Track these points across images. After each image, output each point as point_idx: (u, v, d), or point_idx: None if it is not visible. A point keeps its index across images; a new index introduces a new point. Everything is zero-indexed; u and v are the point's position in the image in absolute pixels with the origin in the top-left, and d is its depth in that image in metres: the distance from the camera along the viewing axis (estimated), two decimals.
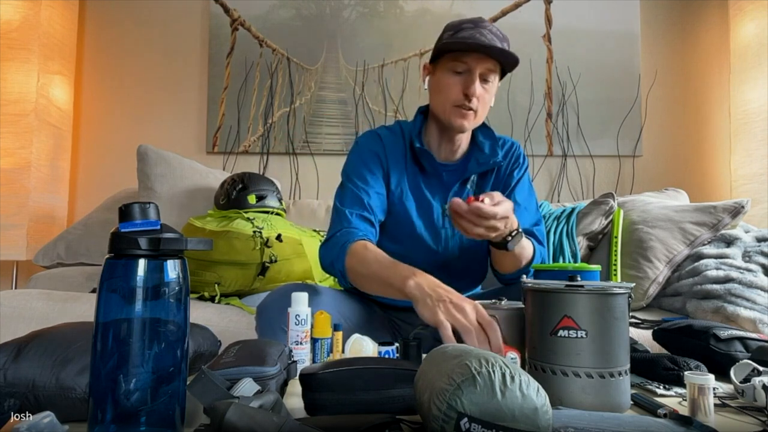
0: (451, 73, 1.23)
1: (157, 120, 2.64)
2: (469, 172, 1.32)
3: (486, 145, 1.35)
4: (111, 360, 0.53)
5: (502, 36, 1.24)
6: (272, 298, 1.16)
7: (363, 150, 1.33)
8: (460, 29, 1.23)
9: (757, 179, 2.33)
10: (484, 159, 1.32)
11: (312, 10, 2.66)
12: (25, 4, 2.32)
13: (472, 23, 1.23)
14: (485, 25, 1.22)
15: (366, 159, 1.31)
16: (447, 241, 1.31)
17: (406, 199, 1.31)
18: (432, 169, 1.32)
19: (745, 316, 1.47)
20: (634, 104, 2.63)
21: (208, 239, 0.59)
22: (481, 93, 1.22)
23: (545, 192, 2.62)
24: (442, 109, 1.26)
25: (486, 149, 1.34)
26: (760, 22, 2.35)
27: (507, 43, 1.23)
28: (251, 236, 1.77)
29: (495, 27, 1.24)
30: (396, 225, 1.31)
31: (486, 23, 1.23)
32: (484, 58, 1.20)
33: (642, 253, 1.77)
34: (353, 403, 0.67)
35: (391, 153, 1.32)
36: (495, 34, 1.22)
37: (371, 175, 1.29)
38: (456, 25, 1.25)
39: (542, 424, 0.52)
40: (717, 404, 0.74)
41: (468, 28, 1.22)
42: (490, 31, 1.22)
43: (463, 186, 1.33)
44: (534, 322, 0.76)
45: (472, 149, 1.35)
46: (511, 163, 1.36)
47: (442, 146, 1.33)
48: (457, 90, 1.23)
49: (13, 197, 2.23)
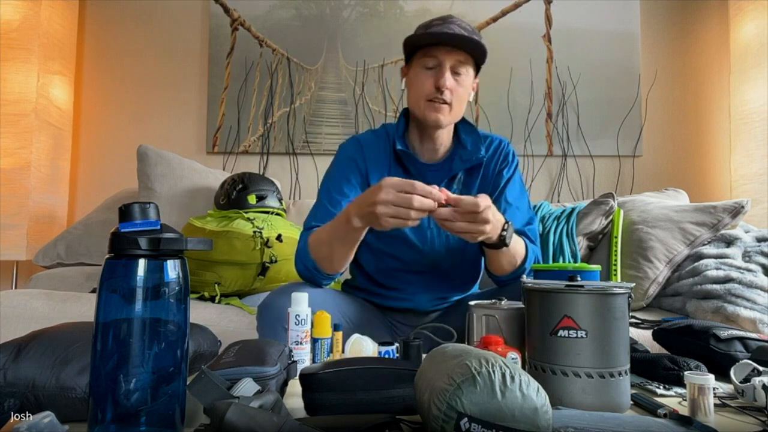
0: (423, 69, 1.25)
1: (157, 120, 2.64)
2: (453, 171, 1.31)
3: (468, 142, 1.34)
4: (111, 360, 0.53)
5: (471, 29, 1.26)
6: (272, 297, 1.16)
7: (340, 158, 1.35)
8: (430, 26, 1.26)
9: (757, 179, 2.33)
10: (467, 156, 1.31)
11: (312, 10, 2.66)
12: (25, 4, 2.32)
13: (440, 20, 1.26)
14: (453, 20, 1.25)
15: (343, 167, 1.33)
16: (433, 241, 1.30)
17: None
18: (415, 170, 1.32)
19: (745, 316, 1.47)
20: (634, 104, 2.63)
21: (208, 239, 0.59)
22: (452, 85, 1.23)
23: (545, 192, 2.62)
24: (416, 105, 1.28)
25: (468, 146, 1.33)
26: (760, 22, 2.35)
27: (477, 36, 1.25)
28: (251, 236, 1.77)
29: (464, 22, 1.26)
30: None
31: (454, 19, 1.26)
32: (453, 50, 1.22)
33: (642, 253, 1.77)
34: (353, 403, 0.67)
35: (372, 158, 1.33)
36: (463, 27, 1.24)
37: (347, 183, 1.30)
38: (426, 24, 1.28)
39: (542, 424, 0.52)
40: (717, 404, 0.74)
41: (436, 24, 1.25)
42: (458, 25, 1.24)
43: (449, 185, 1.32)
44: (534, 322, 0.76)
45: (456, 147, 1.35)
46: (500, 162, 1.35)
47: (424, 146, 1.33)
48: (429, 84, 1.24)
49: (13, 197, 2.23)
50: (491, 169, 1.35)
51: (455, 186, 1.32)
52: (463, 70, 1.25)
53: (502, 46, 2.64)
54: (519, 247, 1.21)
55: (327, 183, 1.33)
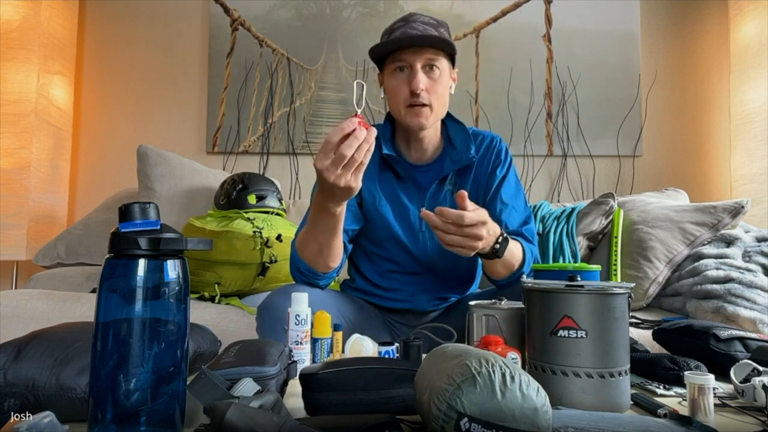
0: (395, 74, 1.24)
1: (157, 120, 2.64)
2: (444, 171, 1.30)
3: (457, 141, 1.32)
4: (111, 360, 0.53)
5: (437, 23, 1.23)
6: (272, 297, 1.16)
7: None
8: (393, 30, 1.24)
9: (757, 179, 2.33)
10: (457, 156, 1.29)
11: (312, 10, 2.66)
12: (25, 4, 2.31)
13: (402, 21, 1.24)
14: (416, 18, 1.23)
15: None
16: (426, 243, 1.30)
17: (381, 206, 1.30)
18: (405, 172, 1.31)
19: (745, 316, 1.47)
20: (634, 104, 2.63)
21: (208, 239, 0.59)
22: (428, 84, 1.22)
23: (545, 192, 2.62)
24: (397, 112, 1.27)
25: (458, 145, 1.31)
26: (760, 22, 2.35)
27: (444, 27, 1.24)
28: (251, 236, 1.77)
29: (428, 17, 1.24)
30: (375, 230, 1.32)
31: (417, 16, 1.24)
32: (420, 50, 1.20)
33: (642, 253, 1.77)
34: (353, 403, 0.67)
35: None
36: (427, 24, 1.22)
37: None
38: (389, 29, 1.26)
39: (542, 424, 0.52)
40: (717, 404, 0.74)
41: (399, 27, 1.23)
42: (422, 22, 1.22)
43: (440, 186, 1.31)
44: (534, 322, 0.76)
45: (446, 147, 1.33)
46: (492, 161, 1.32)
47: (412, 147, 1.32)
48: (404, 89, 1.23)
49: (13, 197, 2.23)
50: (483, 167, 1.32)
51: (447, 186, 1.31)
52: (436, 66, 1.22)
53: (502, 46, 2.64)
54: (516, 252, 1.20)
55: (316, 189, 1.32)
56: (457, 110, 2.57)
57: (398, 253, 1.31)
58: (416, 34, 1.19)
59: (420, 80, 1.20)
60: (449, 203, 1.29)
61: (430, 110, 1.24)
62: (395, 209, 1.30)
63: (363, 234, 1.34)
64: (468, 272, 1.38)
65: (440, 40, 1.19)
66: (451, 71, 1.29)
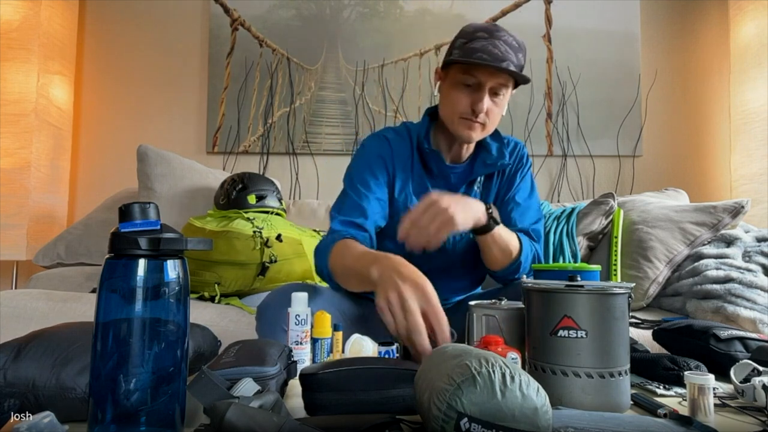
0: (461, 86, 1.20)
1: (157, 120, 2.64)
2: (475, 174, 1.31)
3: (494, 147, 1.32)
4: (111, 360, 0.53)
5: (518, 46, 1.18)
6: (272, 297, 1.16)
7: (369, 154, 1.30)
8: (474, 38, 1.17)
9: (757, 179, 2.32)
10: (491, 161, 1.30)
11: (312, 10, 2.66)
12: (25, 4, 2.31)
13: (486, 32, 1.18)
14: (500, 35, 1.17)
15: (371, 163, 1.29)
16: (450, 244, 1.30)
17: (410, 202, 1.29)
18: (439, 170, 1.31)
19: (745, 316, 1.47)
20: (634, 104, 2.63)
21: (208, 239, 0.59)
22: (490, 107, 1.20)
23: (545, 192, 2.62)
24: (449, 120, 1.25)
25: (494, 151, 1.31)
26: (760, 22, 2.35)
27: (523, 53, 1.19)
28: (251, 236, 1.77)
29: (511, 36, 1.18)
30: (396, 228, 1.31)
31: (502, 32, 1.18)
32: (496, 72, 1.16)
33: (642, 253, 1.77)
34: (353, 403, 0.67)
35: (398, 156, 1.30)
36: (510, 44, 1.16)
37: (374, 180, 1.26)
38: (470, 33, 1.19)
39: (542, 424, 0.52)
40: (717, 404, 0.74)
41: (482, 38, 1.17)
42: (504, 42, 1.16)
43: (469, 187, 1.32)
44: (534, 322, 0.76)
45: (479, 150, 1.34)
46: (515, 164, 1.35)
47: (452, 149, 1.32)
48: (465, 103, 1.20)
49: (13, 197, 2.23)
50: (507, 171, 1.35)
51: (475, 188, 1.32)
52: (503, 91, 1.20)
53: None
54: (511, 238, 1.21)
55: (353, 175, 1.28)
56: None
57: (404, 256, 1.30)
58: (498, 54, 1.14)
59: (485, 103, 1.19)
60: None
61: (482, 128, 1.23)
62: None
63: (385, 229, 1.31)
64: (478, 274, 1.38)
65: (525, 79, 1.18)
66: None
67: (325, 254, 1.16)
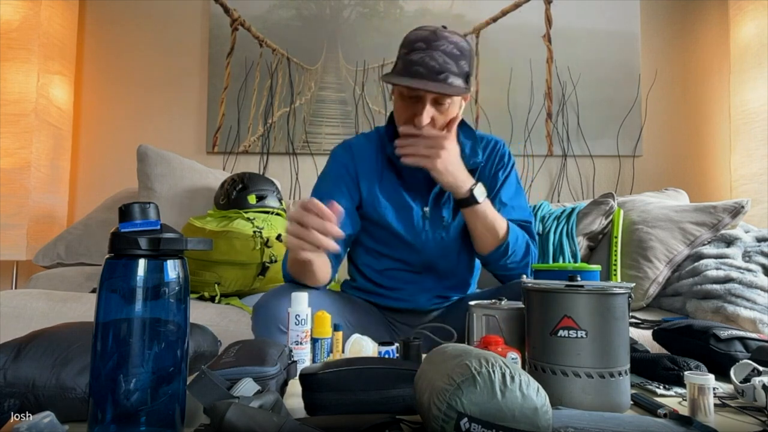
0: (404, 96, 1.19)
1: (157, 120, 2.64)
2: None
3: (467, 146, 1.31)
4: (111, 360, 0.53)
5: (459, 53, 1.14)
6: (268, 297, 1.17)
7: (332, 164, 1.34)
8: (413, 49, 1.14)
9: (757, 179, 2.32)
10: (464, 160, 1.27)
11: (312, 10, 2.66)
12: (25, 4, 2.31)
13: (425, 42, 1.14)
14: (439, 45, 1.12)
15: (334, 174, 1.32)
16: (428, 243, 1.30)
17: (380, 206, 1.30)
18: (408, 172, 1.30)
19: (745, 316, 1.47)
20: (634, 104, 2.63)
21: (208, 239, 0.59)
22: (435, 116, 1.18)
23: (545, 192, 2.62)
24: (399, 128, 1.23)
25: (467, 150, 1.30)
26: (760, 22, 2.35)
27: (466, 59, 1.15)
28: (251, 236, 1.77)
29: (452, 44, 1.14)
30: (375, 229, 1.33)
31: (441, 41, 1.13)
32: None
33: (642, 253, 1.77)
34: (353, 403, 0.67)
35: (362, 162, 1.32)
36: (449, 54, 1.12)
37: (337, 190, 1.29)
38: (411, 43, 1.16)
39: (542, 424, 0.52)
40: (717, 404, 0.74)
41: (420, 49, 1.13)
42: (443, 52, 1.12)
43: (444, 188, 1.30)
44: (534, 322, 0.76)
45: None
46: (496, 164, 1.34)
47: None
48: (407, 115, 1.19)
49: (13, 197, 2.23)
50: (487, 171, 1.33)
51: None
52: (446, 100, 1.17)
53: (502, 46, 2.64)
54: (498, 218, 1.22)
55: (318, 190, 1.32)
56: None
57: (399, 252, 1.31)
58: (435, 67, 1.12)
59: (425, 116, 1.16)
60: (452, 204, 1.30)
61: None
62: (397, 209, 1.30)
63: (364, 232, 1.35)
64: (466, 271, 1.38)
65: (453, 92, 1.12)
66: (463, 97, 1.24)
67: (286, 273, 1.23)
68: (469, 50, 1.18)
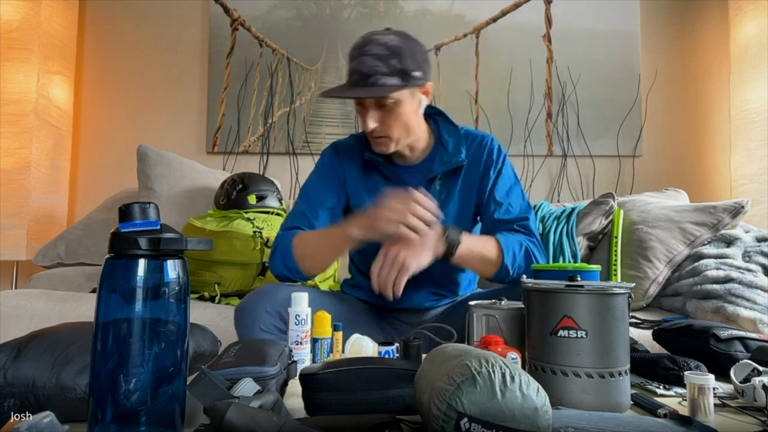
0: (355, 106, 1.25)
1: (157, 120, 2.64)
2: (433, 172, 1.29)
3: (450, 143, 1.30)
4: (111, 360, 0.53)
5: (389, 53, 1.15)
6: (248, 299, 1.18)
7: (321, 165, 1.36)
8: (350, 57, 1.20)
9: (757, 179, 2.32)
10: (447, 158, 1.28)
11: (312, 10, 2.66)
12: (25, 4, 2.31)
13: (357, 49, 1.18)
14: (368, 50, 1.16)
15: (322, 175, 1.34)
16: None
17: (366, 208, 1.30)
18: (391, 173, 1.30)
19: (745, 316, 1.47)
20: (634, 104, 2.63)
21: (208, 239, 0.59)
22: (381, 118, 1.19)
23: (545, 192, 2.62)
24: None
25: (450, 147, 1.29)
26: (760, 22, 2.35)
27: (398, 56, 1.15)
28: (251, 236, 1.77)
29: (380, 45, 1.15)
30: None
31: (370, 45, 1.16)
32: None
33: (642, 253, 1.77)
34: (353, 403, 0.67)
35: (349, 163, 1.33)
36: (378, 56, 1.14)
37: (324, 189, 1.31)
38: (349, 54, 1.22)
39: (542, 424, 0.52)
40: (717, 404, 0.74)
41: (353, 56, 1.18)
42: (372, 55, 1.15)
43: (428, 186, 1.29)
44: (534, 322, 0.76)
45: (436, 147, 1.32)
46: (484, 161, 1.31)
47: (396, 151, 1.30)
48: (362, 122, 1.22)
49: (13, 197, 2.23)
50: (475, 168, 1.31)
51: (436, 187, 1.30)
52: (388, 102, 1.18)
53: (502, 46, 2.64)
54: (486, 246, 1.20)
55: (306, 189, 1.34)
56: (457, 110, 2.59)
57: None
58: (364, 71, 1.15)
59: (370, 120, 1.19)
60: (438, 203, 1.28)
61: (390, 139, 1.23)
62: None
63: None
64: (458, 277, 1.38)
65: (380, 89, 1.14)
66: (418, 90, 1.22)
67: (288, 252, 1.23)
68: (406, 47, 1.18)
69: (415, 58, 1.19)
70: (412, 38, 1.22)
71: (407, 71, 1.17)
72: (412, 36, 1.23)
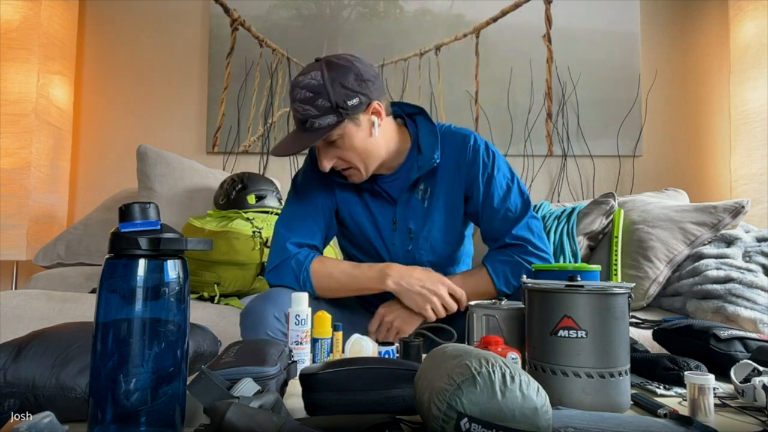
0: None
1: (157, 120, 2.64)
2: (411, 179, 1.25)
3: (425, 145, 1.26)
4: (111, 360, 0.53)
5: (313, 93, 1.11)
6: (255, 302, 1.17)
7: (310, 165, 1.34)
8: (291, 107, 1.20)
9: (757, 179, 2.32)
10: (422, 162, 1.23)
11: (312, 10, 2.66)
12: (25, 4, 2.31)
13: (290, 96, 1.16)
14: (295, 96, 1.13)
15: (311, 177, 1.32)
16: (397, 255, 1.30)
17: (356, 215, 1.31)
18: (370, 185, 1.28)
19: (746, 316, 1.47)
20: (634, 104, 2.63)
21: (208, 239, 0.59)
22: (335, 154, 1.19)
23: (545, 192, 2.62)
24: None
25: (424, 149, 1.25)
26: (760, 22, 2.35)
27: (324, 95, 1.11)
28: (251, 236, 1.77)
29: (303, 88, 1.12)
30: (354, 237, 1.35)
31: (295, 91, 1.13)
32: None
33: (642, 253, 1.77)
34: (353, 403, 0.67)
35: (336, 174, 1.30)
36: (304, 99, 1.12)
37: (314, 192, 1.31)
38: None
39: (542, 424, 0.52)
40: (717, 404, 0.74)
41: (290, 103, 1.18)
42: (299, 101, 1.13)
43: (411, 193, 1.27)
44: (534, 322, 0.76)
45: (412, 152, 1.28)
46: (469, 161, 1.25)
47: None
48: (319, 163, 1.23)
49: (13, 197, 2.23)
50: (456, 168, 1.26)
51: (417, 193, 1.27)
52: (334, 137, 1.16)
53: (502, 46, 2.64)
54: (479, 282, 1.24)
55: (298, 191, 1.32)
56: (457, 110, 2.60)
57: (378, 258, 1.32)
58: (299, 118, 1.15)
59: (325, 161, 1.20)
60: (421, 210, 1.27)
61: (356, 169, 1.22)
62: (370, 219, 1.31)
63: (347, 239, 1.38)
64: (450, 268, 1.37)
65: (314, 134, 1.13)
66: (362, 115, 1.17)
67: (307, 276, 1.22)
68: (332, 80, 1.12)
69: (346, 87, 1.13)
70: (341, 65, 1.14)
71: (338, 105, 1.12)
72: (342, 61, 1.15)
